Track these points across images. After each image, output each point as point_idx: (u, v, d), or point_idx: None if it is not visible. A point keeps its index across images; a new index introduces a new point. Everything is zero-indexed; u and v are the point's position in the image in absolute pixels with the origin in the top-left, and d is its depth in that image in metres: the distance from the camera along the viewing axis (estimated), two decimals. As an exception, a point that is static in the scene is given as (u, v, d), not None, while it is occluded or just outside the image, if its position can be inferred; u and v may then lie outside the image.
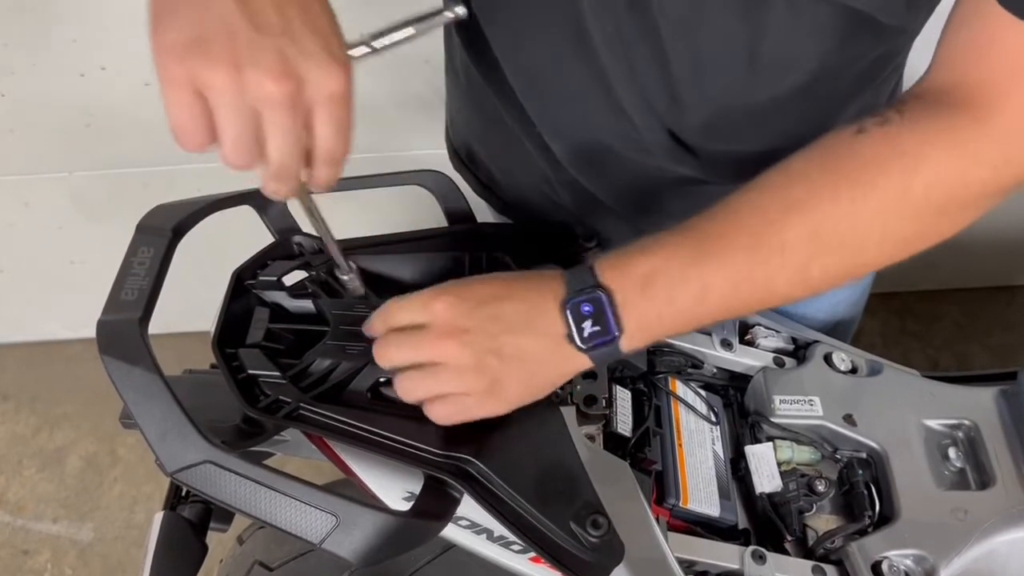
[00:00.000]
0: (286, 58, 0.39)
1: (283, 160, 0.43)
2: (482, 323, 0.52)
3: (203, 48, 0.39)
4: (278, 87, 0.39)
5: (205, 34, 0.39)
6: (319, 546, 0.48)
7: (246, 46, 0.39)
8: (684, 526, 0.66)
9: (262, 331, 0.62)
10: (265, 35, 0.39)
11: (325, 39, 0.41)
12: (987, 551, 0.63)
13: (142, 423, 0.49)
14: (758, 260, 0.51)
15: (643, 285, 0.51)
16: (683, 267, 0.51)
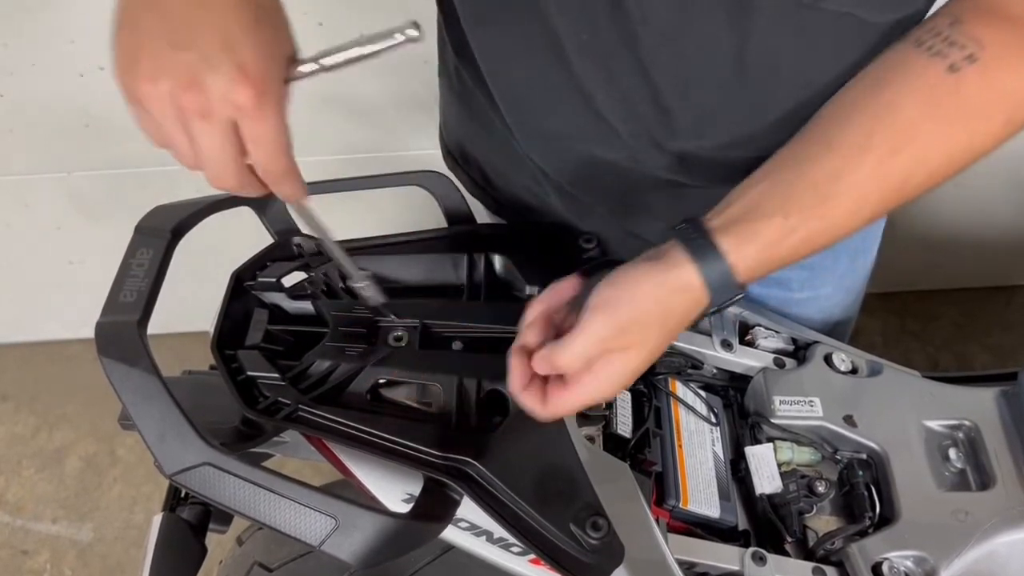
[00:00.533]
0: (193, 72, 0.43)
1: (213, 164, 0.46)
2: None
3: (133, 65, 0.43)
4: (186, 97, 0.43)
5: (135, 53, 0.43)
6: (319, 548, 0.48)
7: (163, 61, 0.43)
8: (684, 527, 0.66)
9: (261, 332, 0.62)
10: (179, 50, 0.43)
11: (237, 54, 0.43)
12: (987, 552, 0.63)
13: (141, 425, 0.49)
14: (878, 210, 0.54)
15: (777, 267, 0.54)
16: (817, 247, 0.54)
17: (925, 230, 1.67)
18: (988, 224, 1.66)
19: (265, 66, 0.44)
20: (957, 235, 1.69)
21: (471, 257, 0.71)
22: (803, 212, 0.53)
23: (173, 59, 0.43)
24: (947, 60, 0.52)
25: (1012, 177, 1.54)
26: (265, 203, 0.69)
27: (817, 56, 0.56)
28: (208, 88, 0.43)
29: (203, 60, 0.43)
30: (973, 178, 1.54)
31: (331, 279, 0.67)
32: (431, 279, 0.71)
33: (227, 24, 0.43)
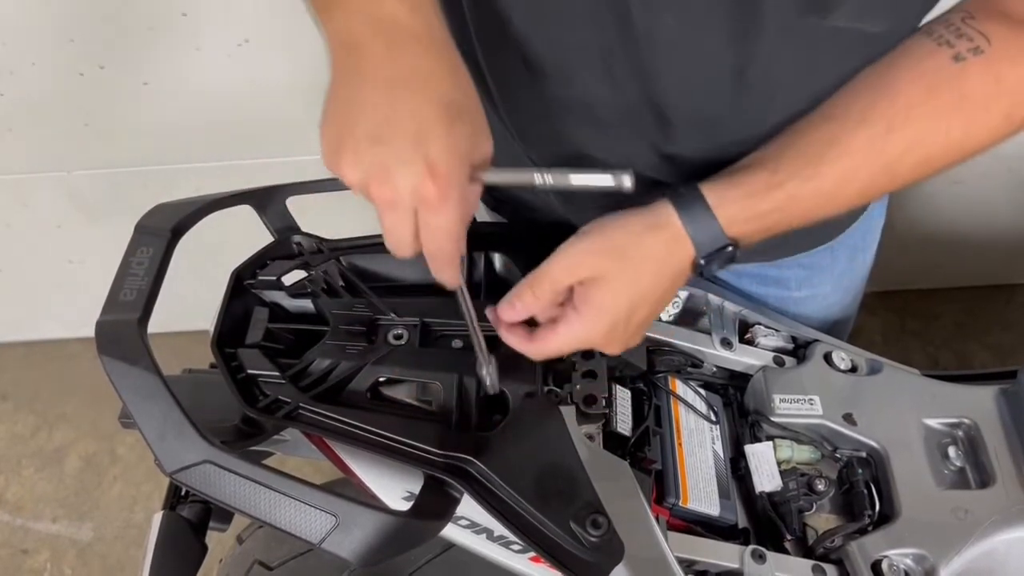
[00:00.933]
0: (386, 166, 0.46)
1: (392, 237, 0.50)
2: (621, 336, 0.57)
3: (337, 153, 0.47)
4: (378, 189, 0.47)
5: (339, 143, 0.47)
6: (319, 546, 0.48)
7: (362, 155, 0.47)
8: (684, 525, 0.66)
9: (261, 331, 0.62)
10: (376, 145, 0.46)
11: (428, 152, 0.46)
12: (987, 550, 0.63)
13: (141, 423, 0.49)
14: (867, 187, 0.55)
15: (766, 228, 0.56)
16: (803, 211, 0.56)
17: (925, 229, 1.67)
18: (988, 223, 1.66)
19: (453, 165, 0.47)
20: (957, 234, 1.69)
21: (470, 256, 0.71)
22: (791, 169, 0.54)
23: (370, 152, 0.46)
24: (953, 50, 0.53)
25: (1012, 176, 1.54)
26: (266, 202, 0.69)
27: (818, 69, 0.57)
28: (397, 183, 0.46)
29: (396, 156, 0.46)
30: (973, 177, 1.55)
31: (331, 277, 0.67)
32: (431, 278, 0.70)
33: (423, 122, 0.46)
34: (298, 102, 1.27)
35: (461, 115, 0.48)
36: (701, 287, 0.78)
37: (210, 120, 1.31)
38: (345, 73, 0.48)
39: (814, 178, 0.54)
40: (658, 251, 0.56)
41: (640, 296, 0.56)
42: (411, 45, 0.48)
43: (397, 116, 0.46)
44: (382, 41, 0.47)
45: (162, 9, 1.13)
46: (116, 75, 1.23)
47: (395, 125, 0.46)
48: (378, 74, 0.47)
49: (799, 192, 0.54)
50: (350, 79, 0.48)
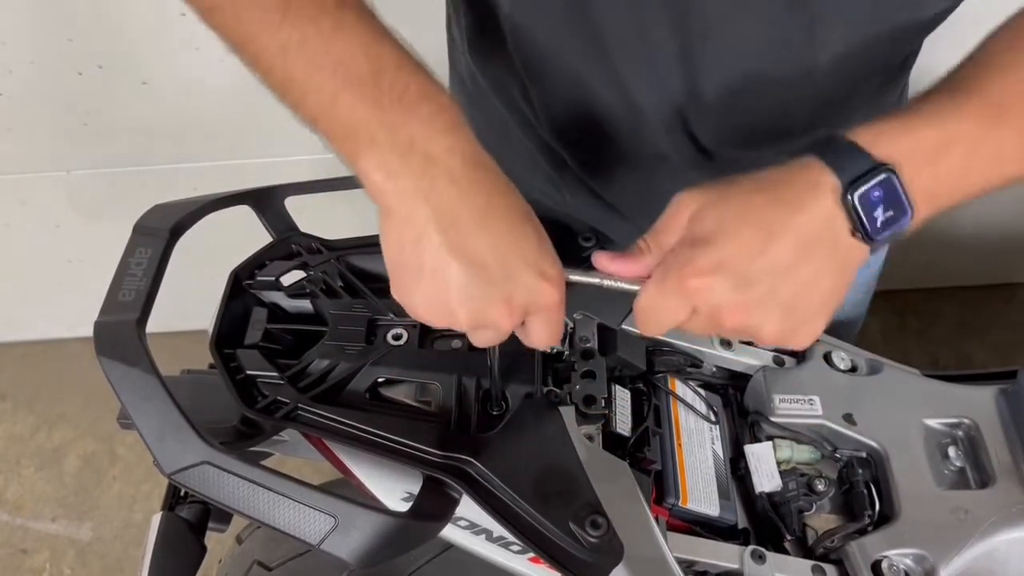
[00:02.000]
0: (509, 298, 0.46)
1: (491, 343, 0.50)
2: (758, 291, 0.46)
3: (448, 311, 0.46)
4: (505, 317, 0.47)
5: (447, 301, 0.46)
6: (318, 547, 0.48)
7: (478, 299, 0.46)
8: (683, 526, 0.66)
9: (260, 331, 0.62)
10: (491, 285, 0.45)
11: (538, 266, 0.46)
12: (987, 550, 0.63)
13: (140, 425, 0.49)
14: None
15: (935, 157, 0.46)
16: (980, 134, 0.47)
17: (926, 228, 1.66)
18: (988, 222, 1.66)
19: (557, 264, 0.48)
20: (957, 233, 1.69)
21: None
22: (977, 123, 0.46)
23: (490, 294, 0.46)
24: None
25: (1011, 175, 1.54)
26: (264, 202, 0.69)
27: (869, 57, 0.54)
28: (518, 306, 0.47)
29: (517, 283, 0.46)
30: (973, 176, 1.54)
31: (329, 278, 0.67)
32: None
33: (521, 243, 0.46)
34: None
35: (532, 215, 0.48)
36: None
37: (209, 120, 1.31)
38: (411, 221, 0.45)
39: (998, 124, 0.46)
40: (781, 180, 0.46)
41: (770, 237, 0.45)
42: (474, 170, 0.46)
43: (501, 247, 0.45)
44: (443, 175, 0.44)
45: (161, 9, 1.13)
46: (115, 75, 1.23)
47: (506, 256, 0.46)
48: (458, 213, 0.44)
49: (967, 103, 0.46)
50: (424, 227, 0.44)
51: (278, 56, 0.43)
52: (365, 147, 0.44)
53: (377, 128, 0.43)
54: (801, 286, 0.46)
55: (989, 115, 0.47)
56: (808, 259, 0.46)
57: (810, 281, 0.46)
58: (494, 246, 0.45)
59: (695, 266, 0.46)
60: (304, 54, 0.43)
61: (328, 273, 0.67)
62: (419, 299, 0.47)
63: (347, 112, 0.43)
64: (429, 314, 0.47)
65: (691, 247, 0.47)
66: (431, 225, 0.44)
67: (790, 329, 0.47)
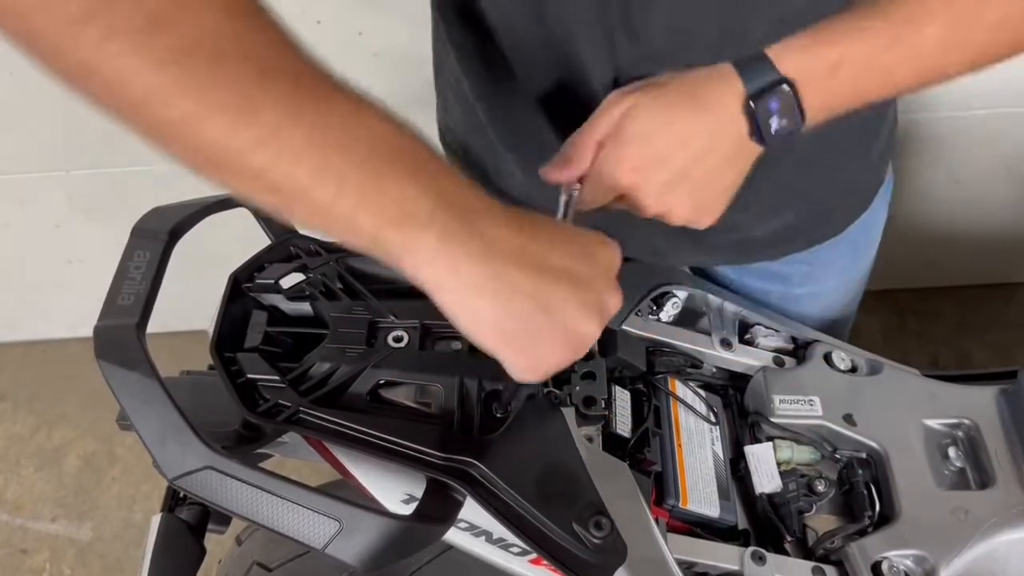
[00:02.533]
0: (591, 312, 0.44)
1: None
2: (674, 182, 0.54)
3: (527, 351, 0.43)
4: (596, 334, 0.45)
5: (522, 340, 0.43)
6: (323, 551, 0.48)
7: (552, 338, 0.43)
8: (684, 527, 0.66)
9: (260, 334, 0.62)
10: (557, 315, 0.43)
11: (605, 269, 0.46)
12: (987, 551, 0.63)
13: (140, 429, 0.49)
14: (946, 44, 0.52)
15: (831, 73, 0.52)
16: (873, 54, 0.52)
17: (925, 227, 1.67)
18: (988, 221, 1.66)
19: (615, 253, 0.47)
20: (957, 232, 1.69)
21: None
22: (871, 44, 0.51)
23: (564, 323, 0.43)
24: None
25: (1012, 174, 1.54)
26: (264, 204, 0.69)
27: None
28: (607, 317, 0.45)
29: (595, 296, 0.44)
30: (973, 175, 1.55)
31: (329, 280, 0.67)
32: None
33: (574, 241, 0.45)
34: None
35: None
36: (701, 287, 0.78)
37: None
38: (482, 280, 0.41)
39: (890, 13, 0.51)
40: (700, 85, 0.53)
41: (687, 135, 0.53)
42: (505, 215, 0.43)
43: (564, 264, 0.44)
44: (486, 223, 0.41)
45: (160, 9, 1.13)
46: (114, 75, 1.22)
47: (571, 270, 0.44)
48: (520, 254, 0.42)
49: (870, 26, 0.51)
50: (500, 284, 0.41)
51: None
52: (419, 231, 0.39)
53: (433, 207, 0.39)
54: (708, 173, 0.55)
55: (887, 36, 0.52)
56: (715, 152, 0.54)
57: (716, 170, 0.55)
58: (575, 258, 0.44)
59: (629, 162, 0.54)
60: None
61: (327, 275, 0.67)
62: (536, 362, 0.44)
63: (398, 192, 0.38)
64: (560, 363, 0.45)
65: (624, 144, 0.54)
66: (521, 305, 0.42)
67: (695, 212, 0.56)
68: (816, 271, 0.82)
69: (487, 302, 0.41)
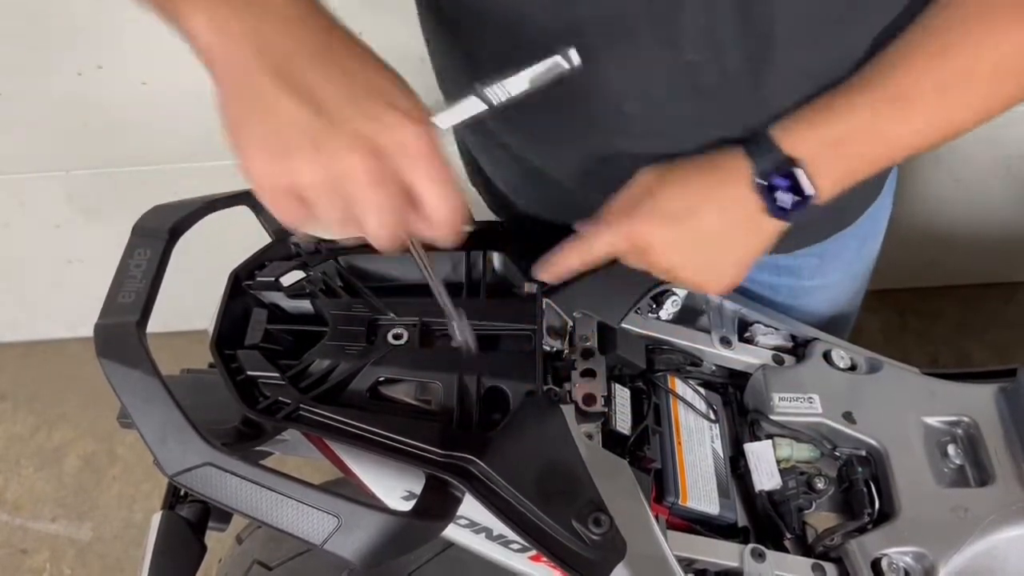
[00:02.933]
0: (362, 136, 0.40)
1: (381, 232, 0.44)
2: (684, 240, 0.58)
3: (285, 156, 0.41)
4: (363, 168, 0.40)
5: (282, 143, 0.40)
6: (321, 547, 0.48)
7: (322, 141, 0.40)
8: (683, 524, 0.66)
9: (260, 332, 0.62)
10: (335, 124, 0.40)
11: (391, 102, 0.42)
12: (987, 548, 0.63)
13: (141, 426, 0.49)
14: (945, 104, 0.54)
15: (835, 147, 0.54)
16: (874, 125, 0.54)
17: (925, 226, 1.67)
18: (988, 220, 1.67)
19: (419, 105, 0.43)
20: (957, 231, 1.69)
21: (469, 255, 0.71)
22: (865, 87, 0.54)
23: (333, 134, 0.40)
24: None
25: (1012, 173, 1.55)
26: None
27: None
28: (381, 148, 0.41)
29: (367, 121, 0.41)
30: (973, 174, 1.55)
31: (329, 278, 0.67)
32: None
33: (366, 70, 0.43)
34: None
35: (382, 61, 0.45)
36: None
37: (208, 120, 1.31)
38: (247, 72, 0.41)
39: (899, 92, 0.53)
40: (713, 164, 0.57)
41: (698, 203, 0.57)
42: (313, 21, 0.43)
43: (340, 82, 0.41)
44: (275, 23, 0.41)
45: (160, 8, 1.13)
46: (114, 75, 1.23)
47: (347, 90, 0.41)
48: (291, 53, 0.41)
49: (865, 101, 0.53)
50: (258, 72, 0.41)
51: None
52: (190, 4, 0.41)
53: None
54: (716, 246, 0.58)
55: (888, 106, 0.54)
56: (726, 226, 0.57)
57: (724, 244, 0.58)
58: (335, 81, 0.41)
59: (641, 212, 0.58)
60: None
61: (328, 273, 0.67)
62: (254, 154, 0.41)
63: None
64: (265, 173, 0.41)
65: (641, 202, 0.58)
66: (261, 65, 0.40)
67: (703, 276, 0.60)
68: (825, 264, 0.82)
69: (224, 87, 0.42)
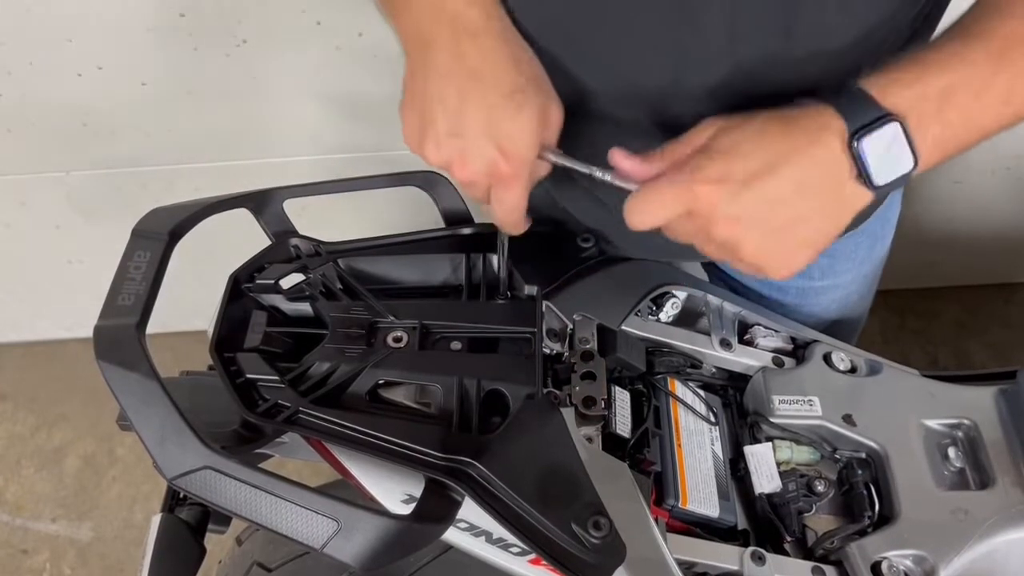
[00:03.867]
0: (463, 154, 0.54)
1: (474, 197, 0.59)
2: (751, 206, 0.49)
3: (422, 143, 0.55)
4: (460, 174, 0.55)
5: (422, 133, 0.55)
6: (321, 551, 0.48)
7: (442, 144, 0.54)
8: (683, 527, 0.66)
9: (260, 335, 0.62)
10: (452, 137, 0.54)
11: (498, 138, 0.53)
12: (987, 551, 0.63)
13: (140, 429, 0.49)
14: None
15: (941, 103, 0.48)
16: (985, 78, 0.48)
17: (925, 227, 1.67)
18: (988, 221, 1.66)
19: (521, 147, 0.54)
20: (957, 232, 1.68)
21: (469, 257, 0.71)
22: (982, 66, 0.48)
23: (448, 144, 0.54)
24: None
25: (1012, 174, 1.54)
26: (263, 205, 0.69)
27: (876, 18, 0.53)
28: (473, 168, 0.54)
29: (472, 145, 0.53)
30: (973, 175, 1.55)
31: (329, 280, 0.67)
32: (430, 280, 0.71)
33: (491, 112, 0.53)
34: (296, 103, 1.27)
35: (527, 99, 0.53)
36: (701, 288, 0.78)
37: (208, 120, 1.31)
38: (419, 68, 0.54)
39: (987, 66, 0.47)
40: (799, 117, 0.49)
41: (778, 159, 0.48)
42: (475, 39, 0.53)
43: (468, 109, 0.53)
44: (447, 36, 0.53)
45: (160, 9, 1.13)
46: (114, 75, 1.23)
47: (467, 118, 0.53)
48: (448, 70, 0.53)
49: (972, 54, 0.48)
50: (425, 74, 0.54)
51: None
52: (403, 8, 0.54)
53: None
54: (792, 217, 0.49)
55: (993, 59, 0.48)
56: (805, 195, 0.48)
57: (802, 215, 0.49)
58: (462, 102, 0.53)
59: (705, 172, 0.49)
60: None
61: (327, 276, 0.67)
62: (406, 116, 0.56)
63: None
64: (408, 131, 0.56)
65: (706, 157, 0.50)
66: (428, 71, 0.54)
67: (768, 253, 0.50)
68: (836, 263, 0.82)
69: (407, 67, 0.56)
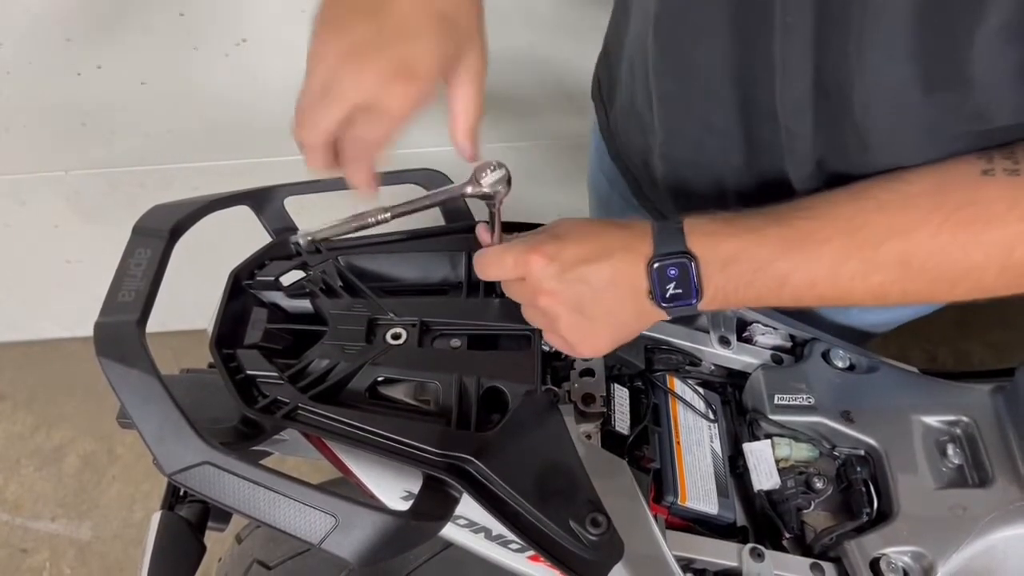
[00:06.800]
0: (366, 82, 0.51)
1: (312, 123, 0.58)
2: (570, 286, 0.56)
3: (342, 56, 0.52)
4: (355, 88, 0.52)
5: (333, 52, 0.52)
6: (318, 547, 0.48)
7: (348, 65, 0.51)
8: (682, 524, 0.66)
9: (260, 331, 0.62)
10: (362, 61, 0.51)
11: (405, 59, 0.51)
12: (985, 548, 0.63)
13: (140, 425, 0.49)
14: (843, 271, 0.53)
15: (725, 264, 0.54)
16: (767, 257, 0.53)
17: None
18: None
19: (423, 65, 0.51)
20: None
21: (469, 255, 0.71)
22: (768, 247, 0.53)
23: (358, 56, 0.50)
24: (990, 164, 0.50)
25: (1009, 173, 1.54)
26: (263, 202, 0.69)
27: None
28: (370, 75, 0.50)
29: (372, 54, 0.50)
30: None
31: (329, 277, 0.68)
32: (429, 277, 0.71)
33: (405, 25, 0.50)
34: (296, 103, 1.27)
35: (446, 29, 0.51)
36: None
37: (208, 120, 1.31)
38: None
39: (794, 230, 0.53)
40: (621, 233, 0.56)
41: (590, 258, 0.55)
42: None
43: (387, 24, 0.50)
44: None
45: (160, 9, 1.13)
46: (113, 75, 1.23)
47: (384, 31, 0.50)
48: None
49: (768, 230, 0.53)
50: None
51: None
52: None
53: None
54: (602, 306, 0.57)
55: (782, 246, 0.53)
56: (614, 291, 0.56)
57: (610, 308, 0.57)
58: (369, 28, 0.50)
59: (542, 248, 0.56)
60: None
61: (327, 273, 0.67)
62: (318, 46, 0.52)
63: None
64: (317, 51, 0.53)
65: (547, 236, 0.57)
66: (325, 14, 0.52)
67: (579, 332, 0.58)
68: None
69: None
